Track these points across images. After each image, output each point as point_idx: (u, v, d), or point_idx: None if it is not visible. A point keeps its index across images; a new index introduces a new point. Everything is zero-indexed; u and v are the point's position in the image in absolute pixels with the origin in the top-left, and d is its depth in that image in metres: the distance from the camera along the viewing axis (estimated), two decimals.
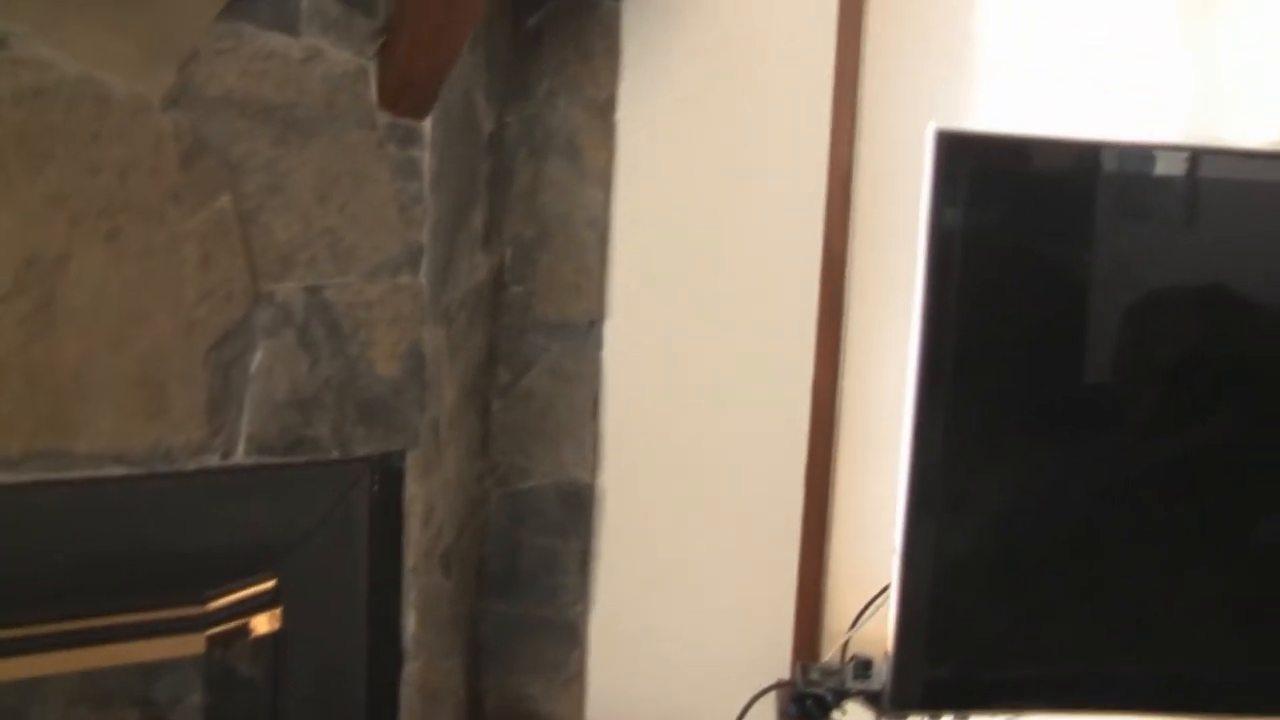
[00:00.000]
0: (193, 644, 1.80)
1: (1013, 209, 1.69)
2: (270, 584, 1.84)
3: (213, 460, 1.75)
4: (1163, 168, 1.73)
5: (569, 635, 2.32)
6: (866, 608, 2.00)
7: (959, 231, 1.64)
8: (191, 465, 1.74)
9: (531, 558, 2.31)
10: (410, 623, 1.99)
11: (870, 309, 2.19)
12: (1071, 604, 1.82)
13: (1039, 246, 1.70)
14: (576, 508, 2.29)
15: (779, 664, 2.23)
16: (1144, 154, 1.72)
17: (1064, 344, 1.74)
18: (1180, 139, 2.10)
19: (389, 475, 1.93)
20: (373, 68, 1.82)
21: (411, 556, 1.97)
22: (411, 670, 1.99)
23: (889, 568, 1.73)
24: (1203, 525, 1.81)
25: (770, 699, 2.03)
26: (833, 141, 2.16)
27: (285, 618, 1.86)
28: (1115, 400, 1.77)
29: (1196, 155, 1.72)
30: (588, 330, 2.25)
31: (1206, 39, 2.15)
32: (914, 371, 1.65)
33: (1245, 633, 1.85)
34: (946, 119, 2.07)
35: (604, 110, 2.21)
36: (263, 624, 1.85)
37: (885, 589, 1.76)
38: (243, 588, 1.82)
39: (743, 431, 2.24)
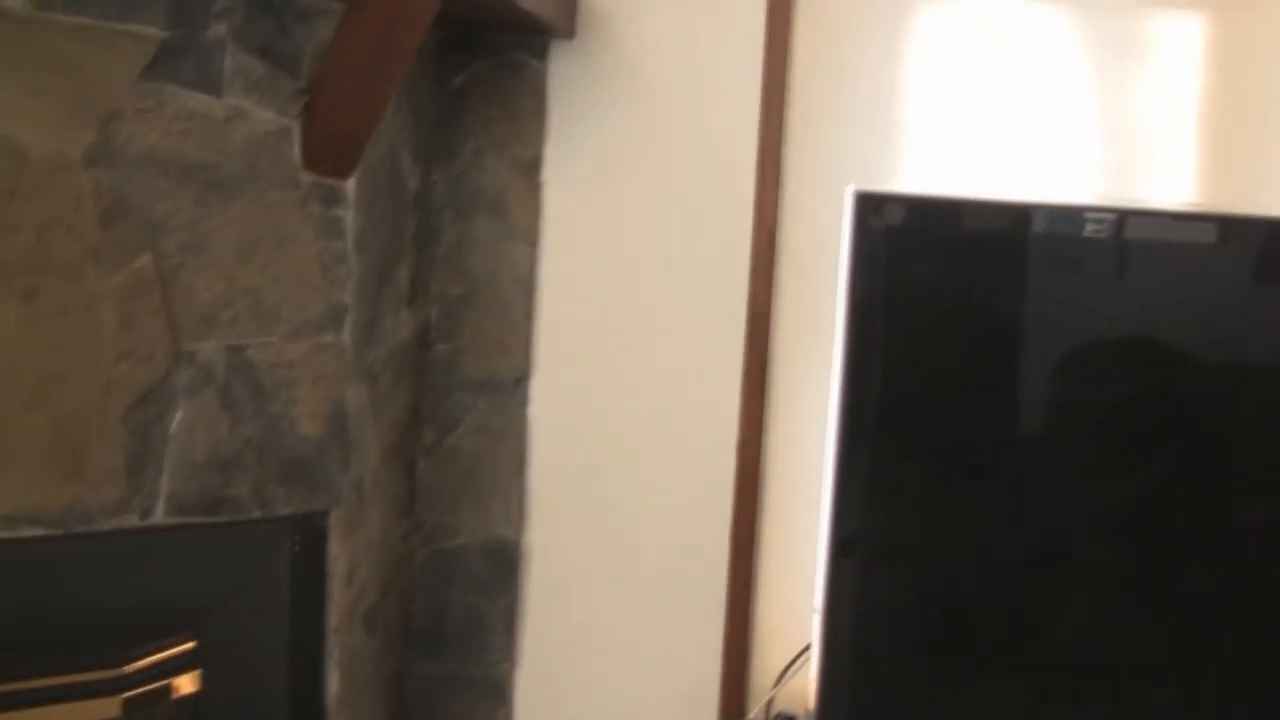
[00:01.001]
0: (109, 708, 1.76)
1: (930, 267, 1.71)
2: (189, 645, 1.82)
3: (131, 520, 1.73)
4: (1072, 226, 1.76)
5: (496, 694, 2.31)
6: (789, 667, 2.01)
7: (878, 289, 1.67)
8: (109, 526, 1.72)
9: (458, 616, 2.30)
10: (333, 683, 1.96)
11: (796, 367, 2.20)
12: (999, 660, 1.83)
13: (957, 303, 1.73)
14: (503, 566, 2.28)
15: None
16: (1059, 213, 1.75)
17: (984, 398, 1.76)
18: (1099, 200, 2.14)
19: (311, 535, 1.91)
20: (296, 128, 1.82)
21: (334, 616, 1.95)
22: None
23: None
24: (1136, 577, 1.82)
25: None
26: (758, 201, 2.18)
27: (205, 679, 1.84)
28: (1038, 453, 1.79)
29: (1107, 214, 1.75)
30: (514, 388, 2.25)
31: (1124, 103, 2.19)
32: (834, 428, 1.67)
33: (1181, 685, 1.86)
34: (870, 179, 2.12)
35: (530, 169, 2.23)
36: (182, 686, 1.83)
37: (807, 648, 1.77)
38: (161, 649, 1.80)
39: (669, 489, 2.25)
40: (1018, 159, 2.19)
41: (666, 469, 2.25)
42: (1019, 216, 1.74)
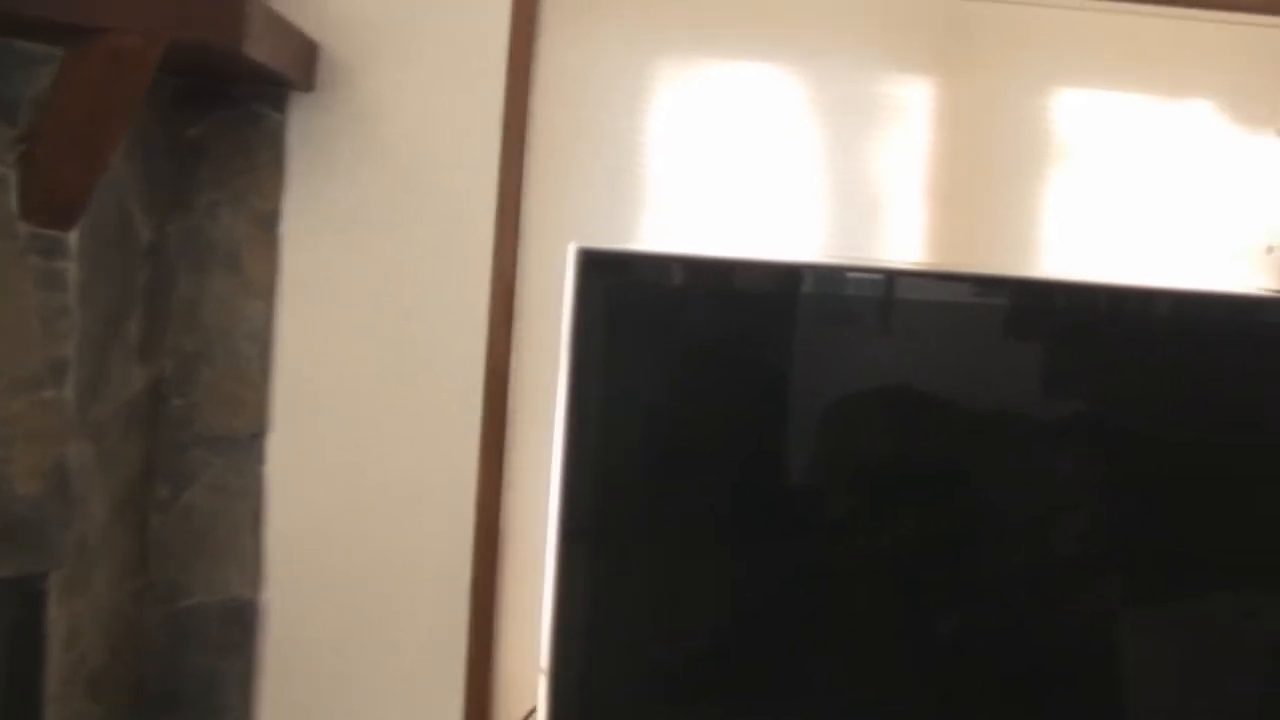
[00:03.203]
0: None
1: (655, 323, 1.74)
2: None
3: None
4: (794, 282, 1.81)
5: None
6: None
7: (601, 346, 1.68)
8: None
9: (193, 678, 2.23)
10: None
11: (536, 424, 2.21)
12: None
13: (681, 358, 1.75)
14: (239, 626, 2.23)
15: None
16: (780, 270, 1.80)
17: (708, 454, 1.78)
18: (827, 257, 2.21)
19: (29, 598, 1.84)
20: (14, 176, 1.76)
21: (53, 683, 1.88)
22: None
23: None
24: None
25: None
26: (496, 257, 2.20)
27: None
28: (759, 506, 1.82)
29: (817, 269, 1.81)
30: (250, 444, 2.21)
31: (857, 163, 2.27)
32: (556, 486, 1.67)
33: None
34: (611, 237, 2.15)
35: (268, 222, 2.19)
36: None
37: (533, 710, 1.76)
38: None
39: (409, 547, 2.23)
40: (754, 217, 2.24)
41: (406, 527, 2.23)
42: (743, 273, 1.78)
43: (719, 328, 1.76)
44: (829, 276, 1.87)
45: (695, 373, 1.77)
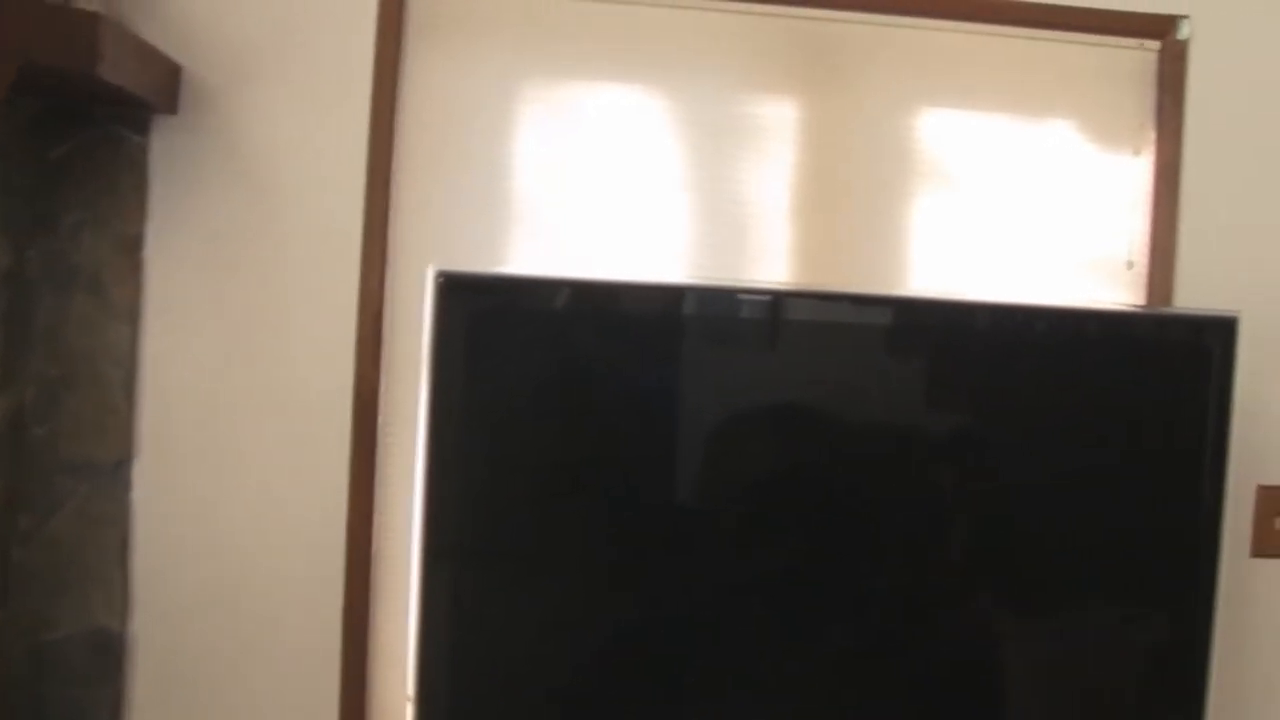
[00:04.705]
0: None
1: (515, 344, 1.74)
2: None
3: None
4: (665, 303, 1.82)
5: None
6: None
7: (461, 366, 1.68)
8: None
9: (59, 712, 2.19)
10: None
11: (405, 446, 2.18)
12: None
13: (540, 379, 1.76)
14: (106, 657, 2.19)
15: None
16: (639, 291, 1.81)
17: (573, 476, 1.79)
18: (697, 277, 2.22)
19: None
20: None
21: None
22: None
23: None
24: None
25: None
26: (363, 279, 2.18)
27: None
28: (625, 525, 1.82)
29: (685, 291, 1.82)
30: (115, 471, 2.17)
31: (723, 184, 2.28)
32: (419, 506, 1.66)
33: None
34: (481, 260, 2.14)
35: (132, 246, 2.16)
36: None
37: None
38: None
39: (279, 573, 2.20)
40: (622, 238, 2.25)
41: (276, 553, 2.20)
42: (608, 295, 1.79)
43: (581, 349, 1.77)
44: (710, 298, 1.88)
45: (557, 394, 1.77)
